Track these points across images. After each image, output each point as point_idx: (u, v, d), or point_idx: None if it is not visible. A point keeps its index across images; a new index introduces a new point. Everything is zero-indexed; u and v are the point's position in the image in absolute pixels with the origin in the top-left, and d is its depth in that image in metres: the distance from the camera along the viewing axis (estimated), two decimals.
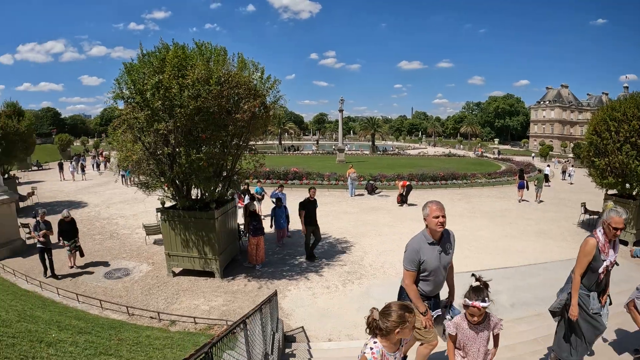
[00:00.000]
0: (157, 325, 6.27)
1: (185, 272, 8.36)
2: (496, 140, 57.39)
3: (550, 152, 56.41)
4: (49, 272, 8.38)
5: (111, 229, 12.29)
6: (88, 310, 6.88)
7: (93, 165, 30.80)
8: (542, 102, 77.45)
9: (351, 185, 17.79)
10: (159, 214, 9.49)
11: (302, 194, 11.26)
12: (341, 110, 35.65)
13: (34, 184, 21.43)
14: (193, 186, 7.78)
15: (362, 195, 18.23)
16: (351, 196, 17.70)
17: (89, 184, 23.24)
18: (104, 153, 37.26)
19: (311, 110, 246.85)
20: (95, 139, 66.46)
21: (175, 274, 8.36)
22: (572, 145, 59.73)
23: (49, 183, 23.51)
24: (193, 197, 8.21)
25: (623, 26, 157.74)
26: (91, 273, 8.65)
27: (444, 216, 3.06)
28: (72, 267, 8.90)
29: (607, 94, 70.71)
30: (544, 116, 76.10)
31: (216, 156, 7.17)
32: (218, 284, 7.77)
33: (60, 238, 8.73)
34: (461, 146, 64.10)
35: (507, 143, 77.54)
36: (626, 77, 66.89)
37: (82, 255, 9.11)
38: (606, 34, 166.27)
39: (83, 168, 26.17)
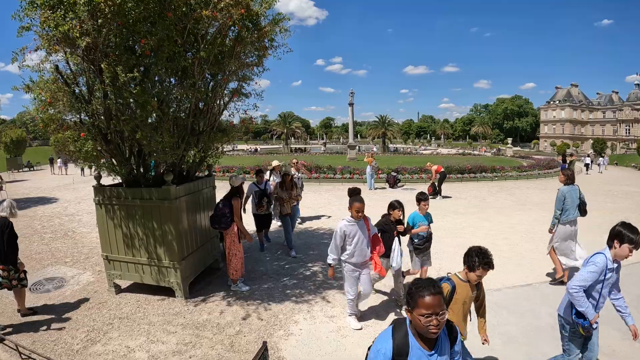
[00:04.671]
0: None
1: (137, 287, 5.38)
2: (509, 140, 53.90)
3: (567, 150, 54.25)
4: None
5: (70, 226, 9.87)
6: None
7: (83, 169, 28.45)
8: (551, 102, 75.09)
9: (370, 177, 15.06)
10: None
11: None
12: (351, 104, 32.48)
13: (17, 182, 20.45)
14: (143, 147, 4.74)
15: (383, 188, 15.43)
16: (370, 189, 14.91)
17: (74, 179, 21.52)
18: None
19: (318, 116, 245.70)
20: None
21: (120, 289, 5.39)
22: (590, 142, 57.17)
23: (32, 181, 21.88)
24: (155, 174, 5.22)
25: (628, 26, 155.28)
26: None
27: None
28: (22, 312, 4.77)
29: (617, 92, 69.21)
30: (554, 116, 73.85)
31: (168, 88, 4.13)
32: (178, 308, 4.70)
33: None
34: (482, 147, 61.48)
35: (517, 145, 74.84)
36: (637, 74, 64.12)
37: (25, 285, 4.74)
38: (612, 34, 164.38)
39: (66, 163, 26.33)
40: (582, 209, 5.43)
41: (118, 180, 5.30)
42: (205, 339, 3.94)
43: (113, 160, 4.89)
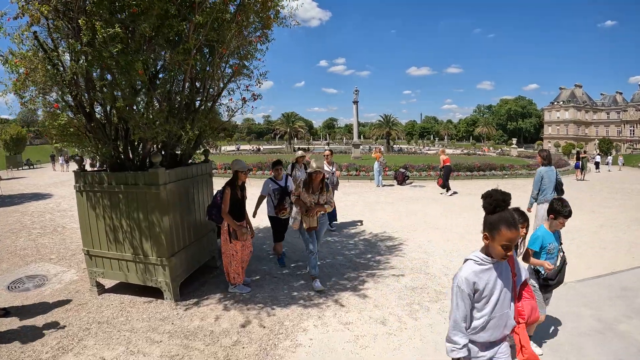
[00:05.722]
0: None
1: (122, 287, 4.75)
2: (514, 140, 53.20)
3: (573, 151, 53.78)
4: None
5: (61, 222, 9.41)
6: None
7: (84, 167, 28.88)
8: (555, 103, 74.55)
9: (378, 174, 14.47)
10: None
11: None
12: (356, 102, 31.86)
13: (14, 179, 20.00)
14: (129, 123, 4.08)
15: (391, 185, 14.89)
16: (378, 186, 14.35)
17: (72, 176, 21.25)
18: None
19: (320, 117, 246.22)
20: None
21: (104, 289, 4.75)
22: (595, 142, 56.52)
23: (29, 178, 21.40)
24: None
25: (632, 27, 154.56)
26: None
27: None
28: None
29: (621, 93, 69.07)
30: (557, 117, 73.31)
31: (156, 53, 3.49)
32: (166, 312, 4.04)
33: None
34: (485, 147, 61.04)
35: (521, 146, 74.26)
36: None
37: None
38: (615, 36, 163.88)
39: (67, 161, 27.24)
40: (559, 189, 5.70)
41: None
42: (196, 350, 3.25)
43: (97, 142, 4.25)
